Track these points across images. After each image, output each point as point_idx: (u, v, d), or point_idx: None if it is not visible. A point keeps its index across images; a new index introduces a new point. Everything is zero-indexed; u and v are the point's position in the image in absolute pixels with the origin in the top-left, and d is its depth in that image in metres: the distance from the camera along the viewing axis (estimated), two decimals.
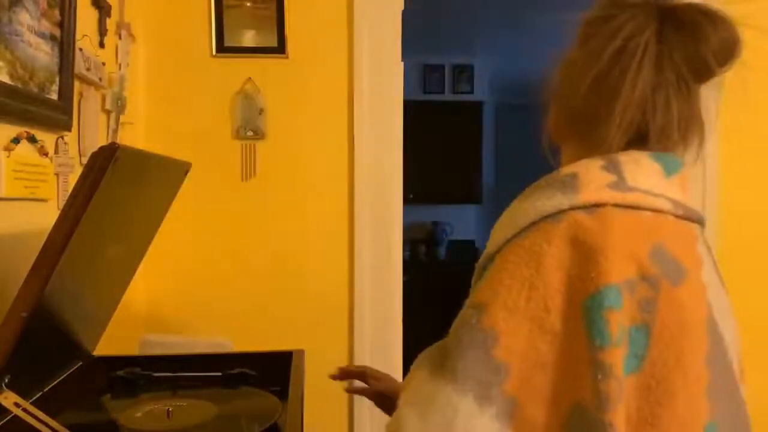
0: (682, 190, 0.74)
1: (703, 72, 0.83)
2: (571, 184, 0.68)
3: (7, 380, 0.79)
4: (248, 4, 1.87)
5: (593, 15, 0.82)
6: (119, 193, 0.88)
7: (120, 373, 1.13)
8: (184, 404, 1.03)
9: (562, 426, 0.62)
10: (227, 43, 1.87)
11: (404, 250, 1.99)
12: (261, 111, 1.88)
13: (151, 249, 1.22)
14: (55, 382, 0.99)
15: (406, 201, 2.03)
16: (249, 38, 1.88)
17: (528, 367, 0.63)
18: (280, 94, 1.89)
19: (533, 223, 0.67)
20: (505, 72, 5.63)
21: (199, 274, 1.90)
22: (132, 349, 1.43)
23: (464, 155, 5.47)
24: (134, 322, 1.77)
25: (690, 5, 0.80)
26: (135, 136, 1.79)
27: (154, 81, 1.87)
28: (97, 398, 1.09)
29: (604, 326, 0.61)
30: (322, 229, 1.91)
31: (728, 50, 0.84)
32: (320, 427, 1.69)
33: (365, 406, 1.92)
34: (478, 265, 0.72)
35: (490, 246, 0.70)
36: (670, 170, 0.73)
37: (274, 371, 1.13)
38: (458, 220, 5.51)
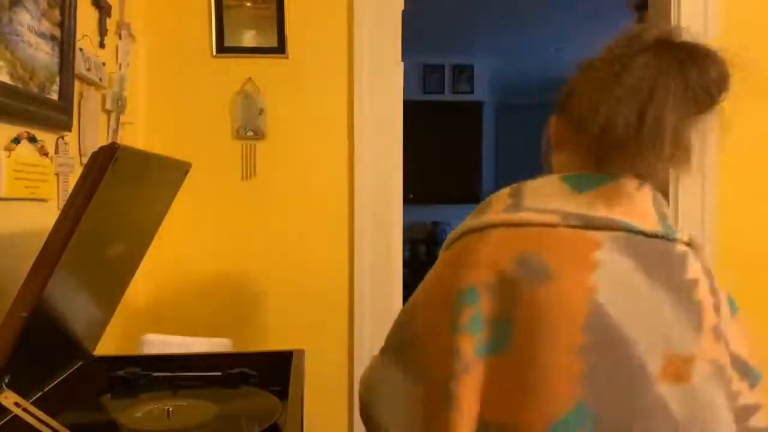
0: (609, 201, 0.85)
1: (706, 101, 0.93)
2: (483, 209, 0.89)
3: (7, 380, 0.79)
4: (248, 4, 1.87)
5: (618, 50, 0.88)
6: (119, 193, 0.88)
7: (120, 373, 1.13)
8: (184, 404, 1.03)
9: (436, 384, 0.82)
10: (227, 43, 1.87)
11: (404, 250, 1.99)
12: (261, 111, 1.88)
13: (151, 249, 1.22)
14: (55, 382, 1.00)
15: (406, 201, 2.03)
16: (249, 38, 1.88)
17: (425, 335, 0.85)
18: (280, 94, 1.89)
19: (450, 243, 0.90)
20: (505, 72, 5.63)
21: (199, 274, 1.90)
22: (132, 349, 1.44)
23: (464, 155, 5.48)
24: (134, 322, 1.77)
25: (692, 44, 0.91)
26: (135, 136, 1.79)
27: (154, 81, 1.87)
28: (97, 398, 1.09)
29: (457, 317, 0.80)
30: (322, 229, 1.91)
31: (724, 81, 0.95)
32: (320, 427, 1.70)
33: None
34: None
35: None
36: (582, 188, 0.86)
37: (274, 371, 1.14)
38: (458, 220, 5.44)
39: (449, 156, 5.40)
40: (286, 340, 1.90)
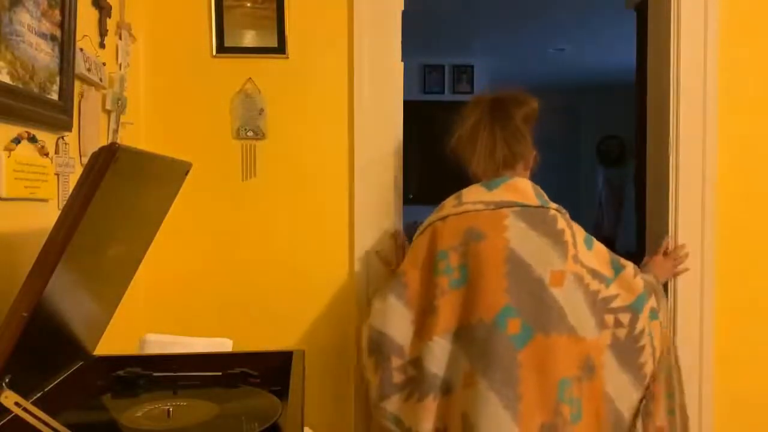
0: (506, 192, 1.55)
1: (515, 131, 1.61)
2: (440, 207, 1.61)
3: (7, 380, 0.79)
4: (248, 4, 1.87)
5: (466, 109, 1.68)
6: (119, 193, 0.88)
7: (120, 373, 1.13)
8: (184, 404, 1.03)
9: (425, 303, 1.54)
10: (227, 43, 1.87)
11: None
12: (261, 111, 1.89)
13: (151, 249, 1.22)
14: (56, 382, 1.00)
15: (406, 201, 2.03)
16: (249, 38, 1.88)
17: (415, 286, 1.55)
18: (280, 94, 1.89)
19: (422, 230, 1.60)
20: (505, 72, 5.63)
21: (199, 273, 1.90)
22: (132, 349, 1.44)
23: None
24: (134, 322, 1.77)
25: (505, 96, 1.66)
26: (135, 136, 1.79)
27: (154, 81, 1.87)
28: (97, 398, 1.09)
29: (437, 267, 1.52)
30: (322, 229, 1.91)
31: (530, 114, 1.64)
32: (320, 427, 1.69)
33: (365, 405, 1.92)
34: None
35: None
36: (491, 187, 1.58)
37: (274, 371, 1.14)
38: None
39: (449, 156, 5.40)
40: (286, 340, 1.90)
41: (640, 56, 2.33)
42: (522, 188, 1.56)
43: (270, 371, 1.14)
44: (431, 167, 5.29)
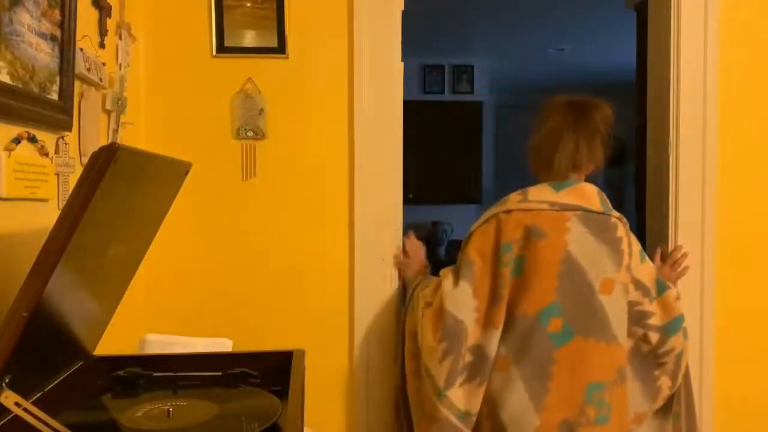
0: (572, 196, 1.58)
1: (596, 133, 1.65)
2: (504, 201, 1.62)
3: (7, 380, 0.79)
4: (248, 4, 1.87)
5: (543, 112, 1.71)
6: (119, 193, 0.88)
7: (120, 373, 1.13)
8: (184, 404, 1.03)
9: (491, 292, 1.56)
10: (227, 43, 1.87)
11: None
12: (261, 111, 1.89)
13: (151, 249, 1.22)
14: (56, 382, 1.00)
15: (406, 201, 2.03)
16: (249, 38, 1.88)
17: (481, 274, 1.57)
18: (280, 94, 1.89)
19: (486, 219, 1.61)
20: (505, 72, 5.63)
21: (199, 273, 1.90)
22: (132, 349, 1.44)
23: (464, 155, 5.48)
24: (134, 322, 1.77)
25: (585, 100, 1.71)
26: (135, 136, 1.79)
27: (154, 81, 1.87)
28: (97, 398, 1.09)
29: (501, 258, 1.55)
30: (322, 228, 1.91)
31: (607, 119, 1.68)
32: (320, 427, 1.70)
33: (364, 405, 1.92)
34: (464, 239, 1.65)
35: (472, 229, 1.64)
36: (558, 188, 1.60)
37: (274, 371, 1.14)
38: (458, 220, 5.51)
39: (449, 156, 5.40)
40: (286, 340, 1.90)
41: (640, 56, 2.33)
42: (588, 193, 1.60)
43: (270, 371, 1.14)
44: (431, 167, 5.31)
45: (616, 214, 1.61)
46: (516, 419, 1.50)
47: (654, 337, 1.62)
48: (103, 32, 1.56)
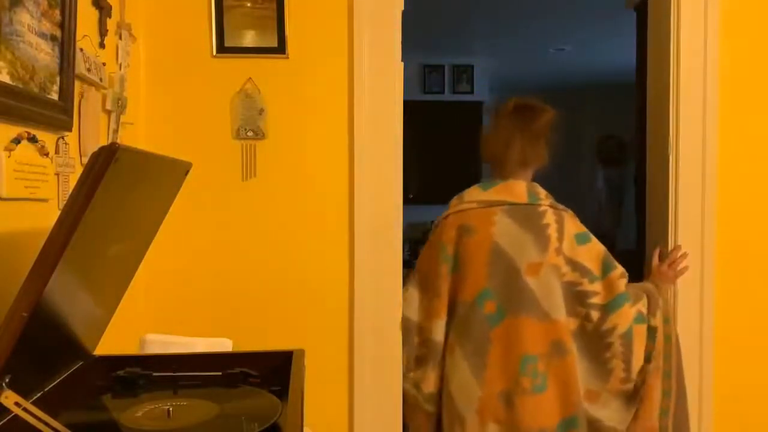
0: (499, 193, 1.83)
1: (540, 135, 1.87)
2: (448, 208, 1.89)
3: (7, 380, 0.79)
4: (248, 4, 1.87)
5: (494, 115, 1.93)
6: (119, 193, 0.88)
7: (120, 373, 1.13)
8: (184, 404, 1.03)
9: (432, 289, 1.86)
10: (227, 43, 1.87)
11: (404, 250, 1.99)
12: (261, 111, 1.89)
13: (151, 249, 1.22)
14: (56, 382, 1.00)
15: (406, 201, 2.03)
16: (249, 38, 1.88)
17: (422, 274, 1.91)
18: (280, 94, 1.89)
19: (435, 227, 1.91)
20: (505, 72, 5.63)
21: (200, 273, 1.90)
22: (132, 349, 1.44)
23: (464, 155, 5.47)
24: (134, 322, 1.77)
25: (528, 103, 1.90)
26: (135, 136, 1.79)
27: (154, 81, 1.87)
28: (97, 398, 1.09)
29: (439, 257, 1.85)
30: (322, 228, 1.91)
31: (551, 122, 1.87)
32: (320, 427, 1.70)
33: (365, 405, 1.92)
34: None
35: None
36: (486, 188, 1.85)
37: (274, 371, 1.14)
38: None
39: (449, 156, 5.40)
40: (286, 340, 1.89)
41: (640, 56, 2.33)
42: (516, 188, 1.83)
43: (270, 371, 1.14)
44: (431, 167, 5.31)
45: (548, 202, 1.81)
46: (462, 392, 1.75)
47: (595, 315, 1.74)
48: (103, 32, 1.56)
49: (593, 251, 1.78)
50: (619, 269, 1.77)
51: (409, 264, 2.03)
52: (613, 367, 1.74)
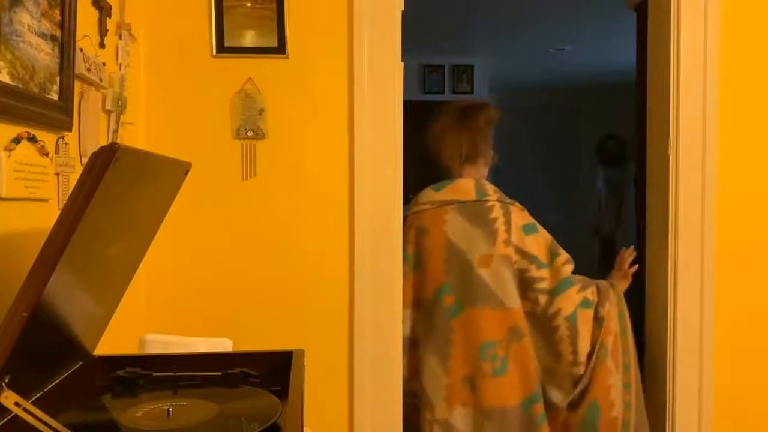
0: (450, 192, 1.98)
1: (478, 132, 2.03)
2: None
3: (7, 380, 0.79)
4: (248, 4, 1.87)
5: (438, 115, 2.10)
6: (119, 193, 0.88)
7: (120, 373, 1.13)
8: (185, 404, 1.03)
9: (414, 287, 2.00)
10: (227, 43, 1.87)
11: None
12: (261, 111, 1.89)
13: (151, 249, 1.22)
14: (56, 382, 1.00)
15: (406, 201, 2.03)
16: (249, 38, 1.88)
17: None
18: (280, 94, 1.89)
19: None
20: (505, 72, 5.63)
21: (199, 273, 1.90)
22: (132, 349, 1.44)
23: None
24: (134, 322, 1.77)
25: (470, 103, 2.15)
26: (135, 136, 1.79)
27: (154, 81, 1.87)
28: (97, 398, 1.09)
29: (404, 257, 1.93)
30: (322, 228, 1.91)
31: (491, 119, 2.05)
32: (320, 427, 1.70)
33: (365, 405, 1.92)
34: None
35: None
36: (438, 189, 2.00)
37: (274, 371, 1.13)
38: None
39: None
40: (286, 340, 1.89)
41: (640, 56, 2.33)
42: (464, 187, 1.98)
43: (270, 371, 1.14)
44: (431, 167, 5.31)
45: (495, 197, 1.96)
46: (431, 382, 1.89)
47: (543, 299, 1.89)
48: (103, 32, 1.56)
49: (540, 240, 1.92)
50: (564, 255, 1.91)
51: None
52: (562, 350, 1.88)
